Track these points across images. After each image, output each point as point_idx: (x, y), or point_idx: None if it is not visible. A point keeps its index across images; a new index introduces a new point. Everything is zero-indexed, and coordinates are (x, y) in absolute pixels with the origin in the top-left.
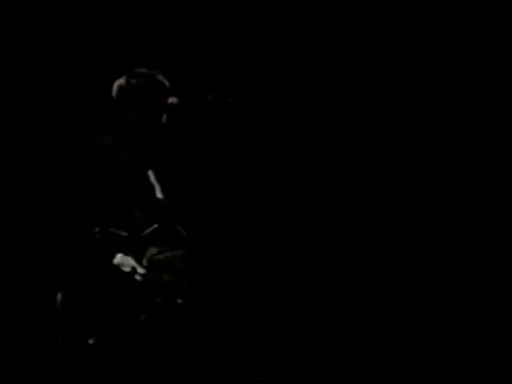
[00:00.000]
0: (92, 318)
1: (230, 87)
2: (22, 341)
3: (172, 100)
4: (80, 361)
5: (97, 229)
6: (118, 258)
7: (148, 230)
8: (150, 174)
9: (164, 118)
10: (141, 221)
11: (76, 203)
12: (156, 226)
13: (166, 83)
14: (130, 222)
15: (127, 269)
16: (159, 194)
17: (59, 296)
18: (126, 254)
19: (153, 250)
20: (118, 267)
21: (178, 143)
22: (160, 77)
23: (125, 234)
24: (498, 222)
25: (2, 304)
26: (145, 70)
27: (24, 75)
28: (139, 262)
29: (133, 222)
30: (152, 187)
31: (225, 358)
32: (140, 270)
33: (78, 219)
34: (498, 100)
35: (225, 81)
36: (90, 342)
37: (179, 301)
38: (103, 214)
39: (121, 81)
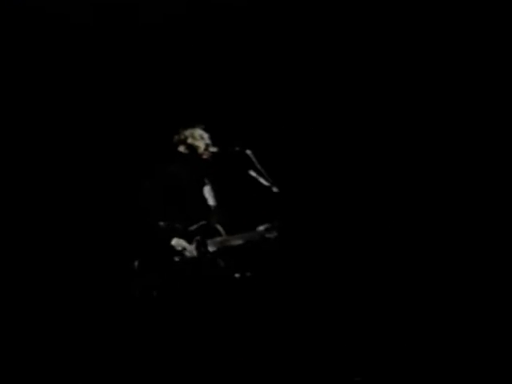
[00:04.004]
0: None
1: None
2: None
3: (209, 145)
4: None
5: (162, 223)
6: (174, 241)
7: (197, 225)
8: (205, 189)
9: (206, 153)
10: (193, 220)
11: (154, 206)
12: (202, 223)
13: (205, 133)
14: (186, 220)
15: (179, 248)
16: (210, 202)
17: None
18: (180, 238)
19: (200, 239)
20: (173, 247)
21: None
22: (200, 129)
23: (180, 226)
24: (497, 221)
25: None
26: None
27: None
28: (189, 244)
29: (188, 220)
30: (205, 198)
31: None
32: (188, 249)
33: (153, 216)
34: (498, 100)
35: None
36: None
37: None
38: (169, 214)
39: (179, 133)
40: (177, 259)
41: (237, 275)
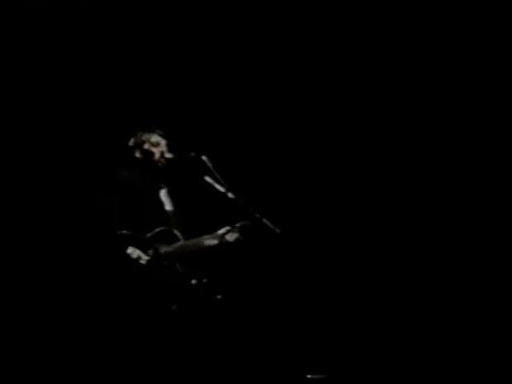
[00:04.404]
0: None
1: None
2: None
3: (165, 149)
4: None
5: (120, 231)
6: (130, 249)
7: (153, 232)
8: (162, 193)
9: (161, 160)
10: (150, 226)
11: (109, 214)
12: (160, 229)
13: (162, 139)
14: (142, 227)
15: (135, 256)
16: (168, 207)
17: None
18: (136, 246)
19: (157, 246)
20: (129, 255)
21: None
22: (158, 135)
23: (138, 234)
24: (497, 221)
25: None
26: (150, 130)
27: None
28: (145, 252)
29: (144, 227)
30: (161, 203)
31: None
32: (144, 257)
33: (108, 224)
34: (498, 100)
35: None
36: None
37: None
38: (125, 221)
39: (135, 136)
40: (133, 268)
41: (193, 281)
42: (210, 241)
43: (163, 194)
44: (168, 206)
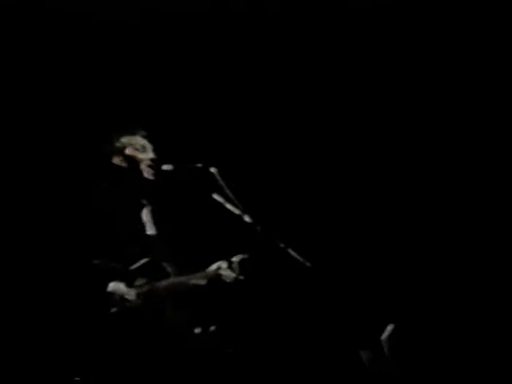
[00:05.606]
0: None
1: None
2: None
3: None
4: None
5: (95, 261)
6: (111, 286)
7: (137, 264)
8: (144, 213)
9: (148, 172)
10: (128, 253)
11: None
12: (145, 260)
13: (148, 143)
14: (123, 256)
15: (117, 296)
16: (150, 231)
17: None
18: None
19: (140, 281)
20: (110, 294)
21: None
22: (141, 137)
23: (118, 266)
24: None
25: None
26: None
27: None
28: (129, 288)
29: (125, 256)
30: (143, 224)
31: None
32: (129, 296)
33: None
34: (498, 100)
35: None
36: None
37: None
38: (102, 249)
39: (112, 140)
40: (115, 310)
41: (197, 331)
42: (200, 280)
43: (145, 214)
44: (150, 230)
